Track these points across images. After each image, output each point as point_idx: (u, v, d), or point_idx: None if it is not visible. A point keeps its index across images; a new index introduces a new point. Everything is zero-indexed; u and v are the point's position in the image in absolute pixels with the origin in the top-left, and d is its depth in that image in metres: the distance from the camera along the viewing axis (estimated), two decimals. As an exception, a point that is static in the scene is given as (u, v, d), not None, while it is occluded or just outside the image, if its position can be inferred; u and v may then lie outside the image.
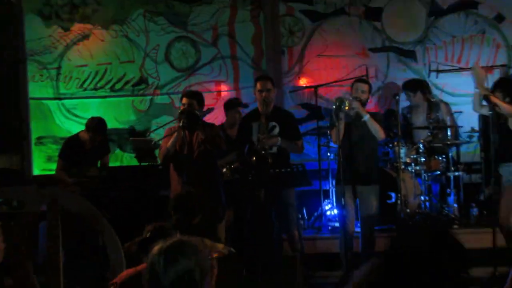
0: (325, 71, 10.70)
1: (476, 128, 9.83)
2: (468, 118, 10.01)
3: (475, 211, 9.62)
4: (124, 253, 6.91)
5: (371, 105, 9.77)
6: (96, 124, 9.34)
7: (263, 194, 8.64)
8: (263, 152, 8.42)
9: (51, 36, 11.19)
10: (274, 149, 8.56)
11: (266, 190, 8.59)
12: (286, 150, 8.75)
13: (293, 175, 8.79)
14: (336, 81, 10.05)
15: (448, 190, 9.81)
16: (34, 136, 11.13)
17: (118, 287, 5.12)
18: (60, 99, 11.16)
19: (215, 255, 5.68)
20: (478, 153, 10.03)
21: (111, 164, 9.89)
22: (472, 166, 10.22)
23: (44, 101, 11.18)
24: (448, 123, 9.76)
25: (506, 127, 8.23)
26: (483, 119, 9.37)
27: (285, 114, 8.98)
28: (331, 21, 10.85)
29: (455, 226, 9.41)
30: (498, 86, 8.49)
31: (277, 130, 8.55)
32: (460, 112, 10.11)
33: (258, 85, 8.65)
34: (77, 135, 9.60)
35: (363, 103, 8.46)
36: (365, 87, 8.60)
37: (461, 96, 10.24)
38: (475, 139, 10.04)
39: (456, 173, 9.70)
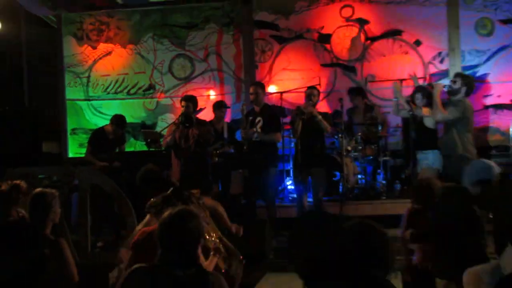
0: (288, 81, 10.78)
1: (400, 124, 9.95)
2: (394, 117, 10.03)
3: (398, 186, 9.81)
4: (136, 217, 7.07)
5: (322, 107, 9.81)
6: (118, 120, 9.48)
7: (247, 173, 8.80)
8: (245, 139, 8.61)
9: (83, 53, 11.42)
10: (258, 138, 8.61)
11: (250, 169, 8.75)
12: (267, 140, 8.71)
13: (269, 155, 8.90)
14: (296, 89, 10.10)
15: (379, 170, 9.91)
16: (69, 128, 11.35)
17: (134, 244, 5.00)
18: (89, 100, 11.36)
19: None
20: (401, 143, 10.19)
21: (126, 150, 9.99)
22: (396, 153, 10.24)
23: (77, 102, 11.36)
24: (379, 121, 9.88)
25: (421, 125, 8.35)
26: (403, 118, 9.50)
27: (271, 111, 9.04)
28: (293, 43, 10.92)
29: (383, 197, 9.53)
30: (419, 90, 8.64)
31: (260, 124, 8.63)
32: (388, 112, 10.16)
33: (251, 89, 8.89)
34: (102, 127, 9.72)
35: (314, 104, 8.63)
36: (315, 92, 8.79)
37: (389, 101, 10.24)
38: (398, 132, 10.08)
39: (384, 158, 9.80)
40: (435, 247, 4.79)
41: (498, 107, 10.34)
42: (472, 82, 8.58)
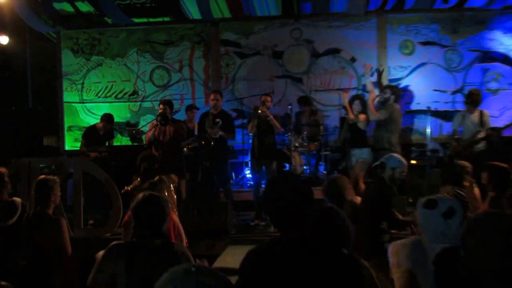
0: (247, 89, 10.83)
1: (338, 125, 10.06)
2: (333, 119, 10.21)
3: (335, 173, 9.84)
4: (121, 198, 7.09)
5: (275, 110, 9.87)
6: (107, 118, 9.48)
7: (209, 164, 8.82)
8: (209, 137, 8.60)
9: (78, 63, 11.30)
10: (218, 136, 8.58)
11: (211, 161, 8.77)
12: (225, 138, 8.75)
13: (227, 152, 9.05)
14: (253, 95, 10.13)
15: (320, 162, 9.98)
16: (66, 125, 11.22)
17: (124, 224, 5.00)
18: (83, 103, 11.29)
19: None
20: (338, 141, 10.11)
21: (114, 144, 9.90)
22: (334, 148, 10.38)
23: (72, 104, 11.27)
24: (321, 122, 9.94)
25: (355, 127, 8.45)
26: (340, 120, 9.61)
27: (226, 115, 9.00)
28: (251, 58, 10.96)
29: (324, 184, 9.50)
30: (356, 98, 8.70)
31: (220, 124, 8.60)
32: (329, 116, 10.30)
33: (212, 96, 8.85)
34: (94, 125, 9.66)
35: (268, 108, 8.67)
36: (269, 98, 8.77)
37: (329, 106, 10.42)
38: (336, 132, 10.07)
39: (325, 153, 9.87)
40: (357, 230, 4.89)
41: (417, 112, 10.56)
42: (399, 91, 8.71)
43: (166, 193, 5.17)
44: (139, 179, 6.20)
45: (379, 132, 8.30)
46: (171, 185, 5.60)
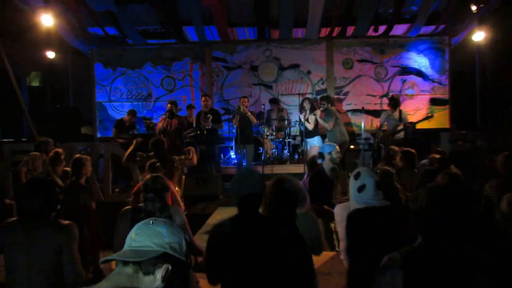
0: (232, 93, 10.84)
1: (297, 120, 10.05)
2: (294, 116, 10.24)
3: (296, 156, 9.90)
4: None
5: (252, 109, 9.90)
6: (132, 112, 9.61)
7: (205, 148, 8.82)
8: (203, 128, 8.64)
9: (107, 73, 11.18)
10: (209, 127, 8.62)
11: (205, 145, 8.78)
12: (215, 128, 8.80)
13: (217, 139, 9.04)
14: (236, 98, 10.13)
15: (285, 147, 9.95)
16: (98, 119, 11.12)
17: (133, 193, 4.90)
18: (110, 102, 11.15)
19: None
20: (297, 132, 10.30)
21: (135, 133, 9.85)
22: (296, 137, 10.42)
23: (103, 103, 11.16)
24: (285, 118, 9.98)
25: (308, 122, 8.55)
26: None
27: (215, 111, 9.03)
28: (235, 71, 10.94)
29: (288, 163, 9.55)
30: (306, 99, 8.86)
31: (210, 118, 8.63)
32: (291, 113, 10.36)
33: (203, 98, 8.90)
34: (122, 118, 9.72)
35: (246, 107, 8.71)
36: (246, 100, 8.88)
37: (291, 106, 10.44)
38: (297, 124, 10.08)
39: (288, 140, 9.92)
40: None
41: (354, 111, 10.69)
42: (330, 98, 8.87)
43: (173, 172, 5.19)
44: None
45: (334, 128, 8.33)
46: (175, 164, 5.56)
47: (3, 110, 9.41)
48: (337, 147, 5.18)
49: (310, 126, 8.62)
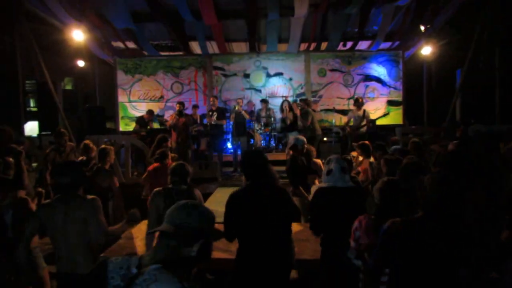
0: (229, 95, 10.77)
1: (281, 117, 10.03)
2: (279, 114, 10.11)
3: (280, 146, 9.70)
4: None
5: (245, 108, 9.73)
6: (150, 112, 9.58)
7: (209, 139, 8.79)
8: (210, 122, 8.57)
9: (127, 79, 11.02)
10: (214, 122, 8.53)
11: (209, 137, 8.74)
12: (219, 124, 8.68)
13: (220, 131, 8.91)
14: (232, 99, 10.09)
15: (272, 139, 9.81)
16: (120, 115, 10.96)
17: (148, 172, 5.00)
18: (130, 102, 11.01)
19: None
20: (281, 127, 10.22)
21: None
22: (279, 131, 10.37)
23: (123, 103, 11.02)
24: (272, 115, 9.84)
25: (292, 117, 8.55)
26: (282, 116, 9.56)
27: (220, 109, 8.88)
28: (231, 77, 10.85)
29: (274, 151, 9.38)
30: (285, 100, 8.96)
31: (215, 115, 8.55)
32: (276, 111, 10.21)
33: (211, 99, 8.85)
34: (142, 116, 9.57)
35: (240, 106, 8.64)
36: (240, 101, 8.84)
37: (277, 106, 10.23)
38: (280, 121, 10.06)
39: (274, 133, 9.76)
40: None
41: (326, 110, 10.65)
42: (308, 101, 8.75)
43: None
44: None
45: (310, 125, 8.23)
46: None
47: (43, 109, 9.30)
48: (305, 140, 5.10)
49: (287, 122, 8.61)
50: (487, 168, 2.95)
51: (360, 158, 5.38)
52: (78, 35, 8.47)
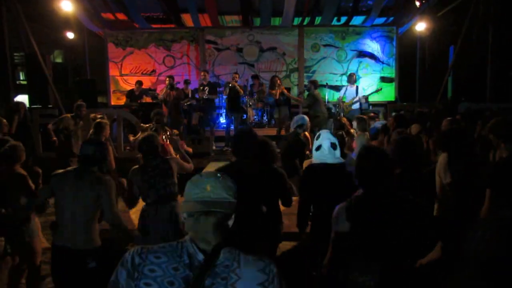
0: (221, 70, 10.67)
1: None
2: None
3: (273, 121, 9.70)
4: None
5: (239, 83, 9.65)
6: (139, 83, 9.23)
7: (200, 114, 8.73)
8: (202, 97, 8.47)
9: (118, 52, 10.81)
10: (206, 97, 8.44)
11: (201, 113, 8.68)
12: (210, 98, 8.61)
13: (212, 106, 8.85)
14: (227, 74, 9.99)
15: (265, 115, 9.84)
16: (111, 90, 10.82)
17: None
18: (121, 76, 10.85)
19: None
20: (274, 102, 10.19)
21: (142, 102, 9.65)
22: (271, 106, 10.29)
23: (115, 76, 10.87)
24: (265, 91, 9.72)
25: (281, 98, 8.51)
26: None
27: (212, 84, 8.80)
28: (224, 52, 10.73)
29: (266, 127, 9.43)
30: (275, 76, 8.79)
31: (207, 90, 8.47)
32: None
33: (202, 73, 8.75)
34: (132, 89, 9.32)
35: (236, 81, 8.53)
36: (237, 76, 8.70)
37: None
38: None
39: (266, 108, 9.73)
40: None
41: (320, 86, 10.52)
42: (316, 82, 8.39)
43: (163, 137, 5.14)
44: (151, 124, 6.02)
45: (315, 106, 7.99)
46: (168, 133, 5.45)
47: (32, 82, 9.12)
48: (308, 119, 5.00)
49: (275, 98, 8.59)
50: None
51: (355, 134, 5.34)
52: (66, 5, 8.21)
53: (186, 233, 1.25)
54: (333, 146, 2.83)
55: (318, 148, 2.85)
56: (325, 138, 2.85)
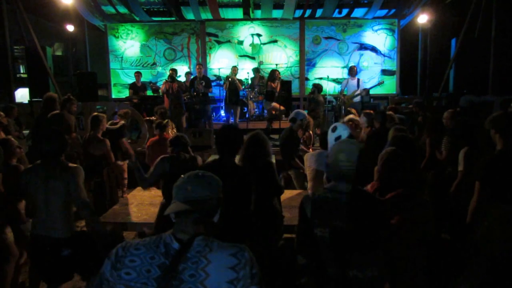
0: (222, 62, 10.56)
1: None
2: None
3: (266, 113, 9.66)
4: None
5: (239, 76, 9.66)
6: (138, 74, 9.15)
7: (198, 107, 8.69)
8: (197, 91, 8.44)
9: (118, 45, 10.75)
10: (202, 90, 8.42)
11: (200, 105, 8.63)
12: (206, 92, 8.57)
13: (208, 99, 8.82)
14: (225, 68, 9.92)
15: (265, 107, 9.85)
16: (112, 83, 10.78)
17: (148, 147, 4.99)
18: (122, 69, 10.79)
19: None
20: None
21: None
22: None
23: (116, 69, 10.80)
24: (265, 84, 9.68)
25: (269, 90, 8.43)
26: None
27: (207, 78, 8.79)
28: (225, 44, 10.64)
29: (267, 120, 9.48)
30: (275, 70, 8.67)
31: (203, 83, 8.44)
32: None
33: (197, 67, 8.67)
34: (135, 82, 9.19)
35: (235, 74, 8.52)
36: (235, 69, 8.67)
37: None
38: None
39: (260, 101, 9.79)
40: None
41: (320, 78, 10.36)
42: (320, 87, 8.29)
43: (169, 131, 5.18)
44: (155, 117, 6.06)
45: (316, 109, 7.82)
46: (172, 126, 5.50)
47: (33, 75, 9.07)
48: (307, 115, 4.89)
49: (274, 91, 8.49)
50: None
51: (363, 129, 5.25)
52: (66, -2, 8.15)
53: None
54: (351, 136, 2.90)
55: (338, 139, 2.90)
56: (343, 129, 2.97)
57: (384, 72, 10.61)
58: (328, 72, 10.22)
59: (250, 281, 1.19)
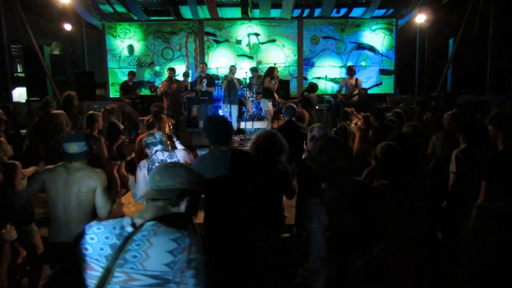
0: (220, 62, 10.57)
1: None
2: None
3: (263, 113, 9.51)
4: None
5: (237, 76, 9.64)
6: (131, 73, 9.06)
7: (200, 106, 8.67)
8: (200, 89, 8.41)
9: (116, 44, 10.71)
10: (204, 89, 8.39)
11: (200, 104, 8.62)
12: (208, 91, 8.52)
13: (210, 98, 8.77)
14: (223, 67, 9.91)
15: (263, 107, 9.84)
16: (110, 82, 10.74)
17: (137, 143, 5.03)
18: (120, 68, 10.75)
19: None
20: None
21: (140, 94, 9.57)
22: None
23: (113, 69, 10.76)
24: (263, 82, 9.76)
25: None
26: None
27: (209, 76, 8.72)
28: (223, 43, 10.62)
29: (265, 119, 8.88)
30: (273, 68, 8.41)
31: (205, 82, 8.41)
32: None
33: (200, 66, 8.64)
34: (125, 81, 9.16)
35: (233, 73, 8.48)
36: (233, 68, 8.63)
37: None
38: None
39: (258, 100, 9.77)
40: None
41: (318, 78, 10.43)
42: (315, 87, 7.98)
43: (166, 128, 5.13)
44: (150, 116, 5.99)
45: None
46: (169, 123, 5.44)
47: (30, 74, 9.03)
48: (293, 106, 4.86)
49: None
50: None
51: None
52: (64, -4, 8.12)
53: None
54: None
55: (312, 138, 3.00)
56: (318, 128, 3.11)
57: (382, 71, 10.62)
58: (326, 72, 10.23)
59: (187, 265, 1.25)
